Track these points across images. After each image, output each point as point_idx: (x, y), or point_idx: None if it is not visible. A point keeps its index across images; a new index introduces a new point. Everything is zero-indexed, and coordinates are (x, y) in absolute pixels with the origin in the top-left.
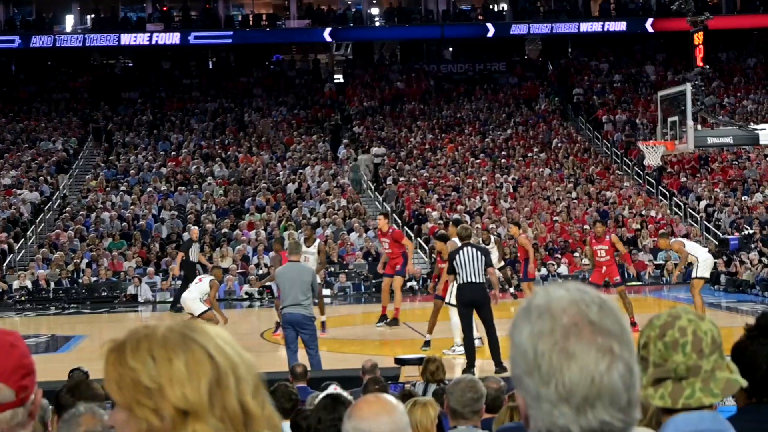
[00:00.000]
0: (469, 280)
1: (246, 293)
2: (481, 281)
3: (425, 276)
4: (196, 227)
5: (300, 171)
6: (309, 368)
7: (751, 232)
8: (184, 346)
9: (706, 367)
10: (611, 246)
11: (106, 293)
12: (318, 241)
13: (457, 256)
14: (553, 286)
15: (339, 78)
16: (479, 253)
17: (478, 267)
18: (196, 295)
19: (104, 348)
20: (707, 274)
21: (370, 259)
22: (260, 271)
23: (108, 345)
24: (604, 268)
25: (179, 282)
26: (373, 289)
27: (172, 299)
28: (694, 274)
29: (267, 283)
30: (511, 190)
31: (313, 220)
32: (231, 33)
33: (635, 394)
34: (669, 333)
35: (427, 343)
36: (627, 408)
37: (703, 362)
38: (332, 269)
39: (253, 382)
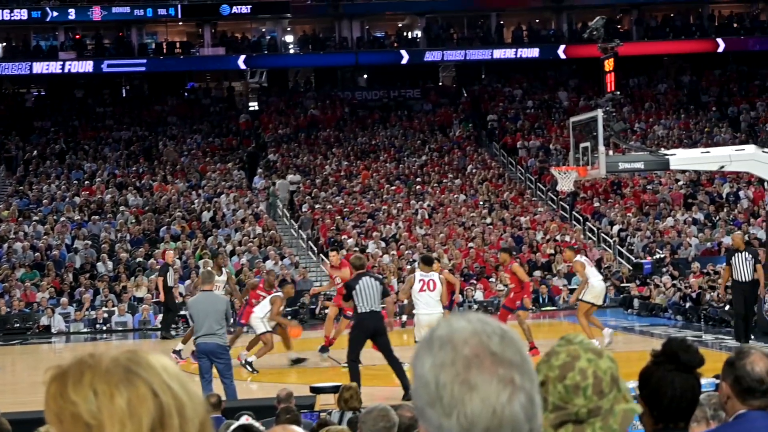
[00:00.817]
0: (369, 309)
1: (161, 323)
2: (379, 310)
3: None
4: (171, 251)
5: (215, 199)
6: (224, 398)
7: (662, 255)
8: (127, 381)
9: (606, 406)
10: (512, 275)
11: (18, 324)
12: (225, 269)
13: (357, 286)
14: (454, 318)
15: (254, 105)
16: (377, 282)
17: (376, 296)
18: (259, 314)
19: (46, 375)
20: (594, 300)
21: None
22: (176, 301)
23: (50, 373)
24: (512, 294)
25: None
26: (288, 317)
27: (160, 326)
28: (580, 296)
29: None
30: (427, 217)
31: (229, 248)
32: (144, 61)
33: (537, 425)
34: (570, 376)
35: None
36: None
37: (603, 402)
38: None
39: (200, 421)
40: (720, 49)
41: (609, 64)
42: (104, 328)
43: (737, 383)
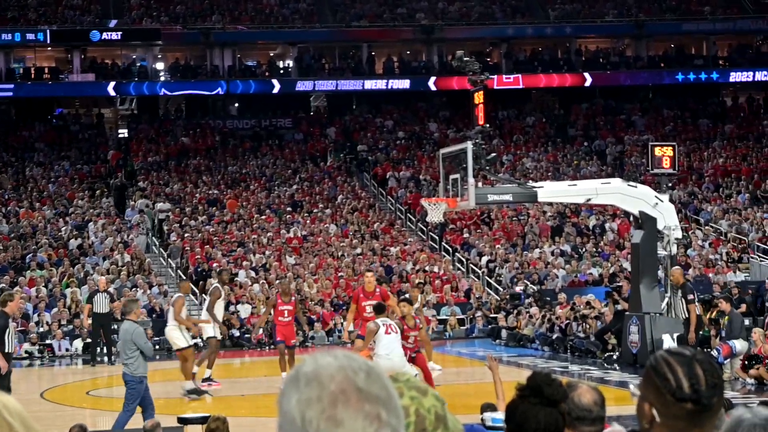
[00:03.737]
0: None
1: (26, 352)
2: None
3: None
4: (104, 278)
5: (83, 227)
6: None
7: (522, 288)
8: None
9: None
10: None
11: None
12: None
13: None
14: (320, 354)
15: (124, 132)
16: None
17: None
18: (172, 324)
19: None
20: None
21: (154, 315)
22: (41, 329)
23: None
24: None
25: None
26: (157, 347)
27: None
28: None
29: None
30: (297, 246)
31: (96, 276)
32: (12, 86)
33: None
34: None
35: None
36: None
37: None
38: (115, 326)
39: None
40: (587, 83)
41: (479, 97)
42: None
43: (568, 414)
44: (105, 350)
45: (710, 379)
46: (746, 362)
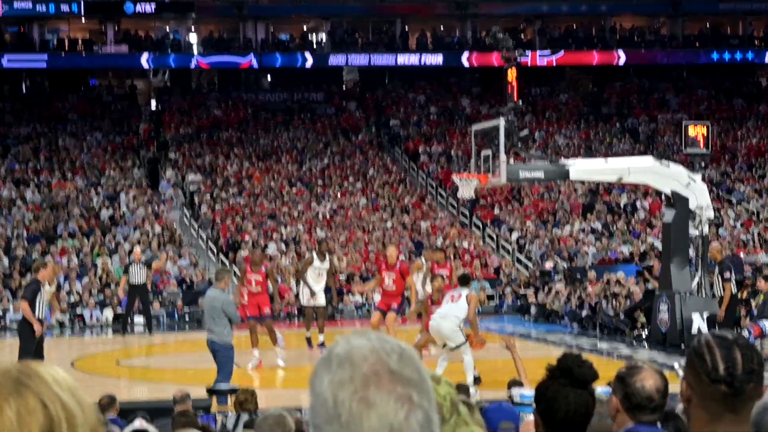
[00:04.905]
0: None
1: (57, 321)
2: None
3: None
4: (139, 249)
5: (115, 197)
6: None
7: (552, 265)
8: (17, 393)
9: (447, 431)
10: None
11: None
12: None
13: None
14: (354, 335)
15: (156, 105)
16: None
17: None
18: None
19: None
20: None
21: (184, 286)
22: (72, 299)
23: None
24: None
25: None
26: (186, 318)
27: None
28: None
29: None
30: (328, 218)
31: (127, 246)
32: (46, 57)
33: None
34: None
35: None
36: None
37: (444, 428)
38: (121, 298)
39: (90, 430)
40: (621, 62)
41: (512, 74)
42: None
43: (627, 399)
44: (144, 321)
45: (747, 364)
46: None
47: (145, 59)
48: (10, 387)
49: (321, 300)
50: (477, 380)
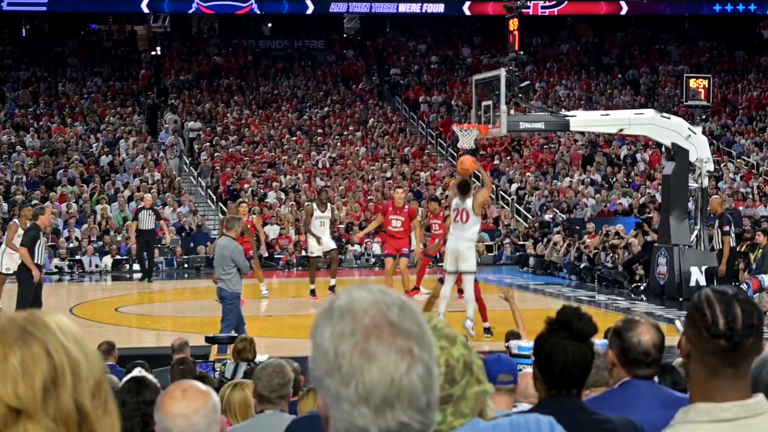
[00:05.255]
0: None
1: (56, 267)
2: None
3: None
4: (149, 195)
5: (114, 144)
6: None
7: (551, 216)
8: (21, 341)
9: (458, 393)
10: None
11: None
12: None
13: None
14: (355, 288)
15: (156, 50)
16: None
17: None
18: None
19: None
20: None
21: (183, 234)
22: (71, 245)
23: None
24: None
25: None
26: (185, 265)
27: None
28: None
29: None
30: (327, 167)
31: (127, 193)
32: (45, 0)
33: (434, 396)
34: None
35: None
36: (426, 409)
37: (455, 389)
38: (130, 245)
39: (95, 381)
40: (623, 12)
41: (513, 24)
42: None
43: (623, 354)
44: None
45: (747, 319)
46: None
47: (145, 4)
48: (15, 335)
49: (330, 245)
50: (488, 331)
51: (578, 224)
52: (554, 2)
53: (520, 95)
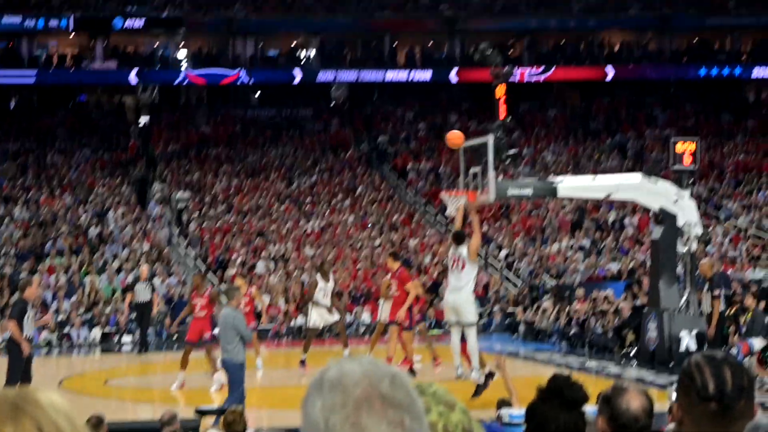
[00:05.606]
0: None
1: (44, 340)
2: None
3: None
4: (146, 267)
5: (103, 215)
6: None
7: (540, 283)
8: (13, 417)
9: None
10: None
11: None
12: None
13: None
14: (346, 359)
15: (145, 120)
16: None
17: None
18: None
19: None
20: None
21: (172, 304)
22: (59, 317)
23: None
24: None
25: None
26: (175, 336)
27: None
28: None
29: None
30: (316, 237)
31: (116, 264)
32: (34, 72)
33: None
34: None
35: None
36: None
37: None
38: (125, 316)
39: None
40: (609, 77)
41: (500, 90)
42: None
43: (613, 420)
44: (138, 339)
45: (738, 381)
46: (763, 354)
47: (133, 75)
48: (8, 412)
49: (336, 315)
50: (491, 376)
51: (568, 290)
52: (541, 69)
53: (507, 162)
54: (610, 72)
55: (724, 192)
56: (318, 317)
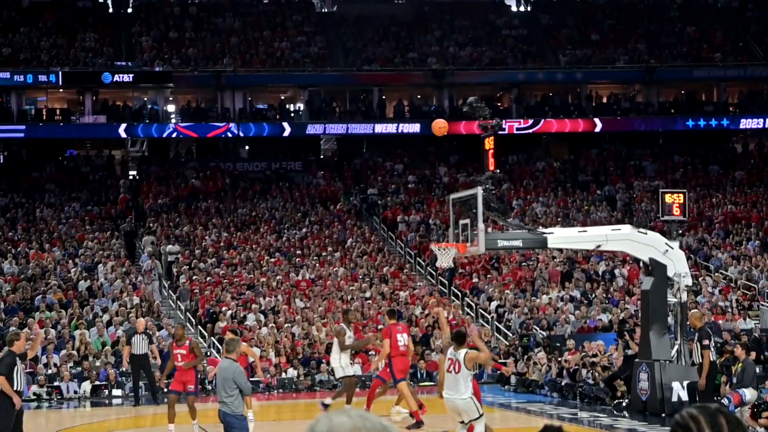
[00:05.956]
0: None
1: (34, 394)
2: None
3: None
4: (142, 319)
5: (92, 269)
6: None
7: (531, 334)
8: None
9: None
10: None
11: None
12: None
13: None
14: (335, 413)
15: (134, 174)
16: None
17: None
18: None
19: None
20: None
21: (162, 357)
22: (49, 371)
23: None
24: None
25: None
26: (164, 390)
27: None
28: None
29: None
30: (306, 289)
31: (106, 318)
32: (23, 127)
33: None
34: None
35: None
36: None
37: None
38: (123, 369)
39: None
40: (597, 129)
41: (489, 143)
42: None
43: None
44: (149, 390)
45: (733, 429)
46: (755, 409)
47: (122, 129)
48: None
49: (353, 369)
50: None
51: (558, 341)
52: (530, 123)
53: (497, 214)
54: (599, 124)
55: (713, 243)
56: (345, 365)
